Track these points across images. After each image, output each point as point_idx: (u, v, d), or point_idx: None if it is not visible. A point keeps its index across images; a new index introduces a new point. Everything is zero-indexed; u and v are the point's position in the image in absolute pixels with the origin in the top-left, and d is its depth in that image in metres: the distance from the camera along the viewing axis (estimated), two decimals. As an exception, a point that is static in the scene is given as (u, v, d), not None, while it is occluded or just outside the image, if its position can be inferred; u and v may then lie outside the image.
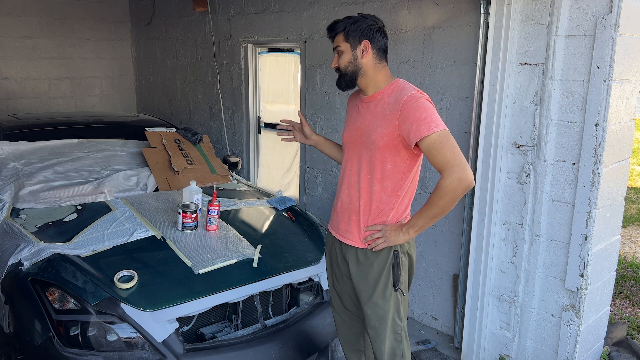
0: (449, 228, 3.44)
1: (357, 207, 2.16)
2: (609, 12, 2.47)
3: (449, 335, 3.53)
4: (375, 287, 2.15)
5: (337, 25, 2.11)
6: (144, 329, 2.24)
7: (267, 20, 4.62)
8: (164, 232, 2.79)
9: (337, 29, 2.11)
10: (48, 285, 2.33)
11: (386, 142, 2.04)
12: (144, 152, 3.69)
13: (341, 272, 2.31)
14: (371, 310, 2.17)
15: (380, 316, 2.16)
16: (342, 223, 2.23)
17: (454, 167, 1.90)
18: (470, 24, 3.16)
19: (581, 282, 2.74)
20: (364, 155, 2.12)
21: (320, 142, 2.47)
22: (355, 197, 2.17)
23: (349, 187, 2.19)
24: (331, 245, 2.35)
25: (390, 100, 2.06)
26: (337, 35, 2.11)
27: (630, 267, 4.71)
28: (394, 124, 2.01)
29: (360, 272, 2.18)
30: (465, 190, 1.94)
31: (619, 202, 2.89)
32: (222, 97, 5.25)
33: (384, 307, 2.15)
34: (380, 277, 2.14)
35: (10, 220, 2.84)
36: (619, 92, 2.59)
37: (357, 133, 2.15)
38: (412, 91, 2.02)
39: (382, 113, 2.06)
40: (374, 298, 2.15)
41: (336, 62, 2.14)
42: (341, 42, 2.10)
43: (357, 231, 2.17)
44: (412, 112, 1.96)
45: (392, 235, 2.09)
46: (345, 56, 2.10)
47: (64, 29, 5.96)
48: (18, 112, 5.59)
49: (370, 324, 2.19)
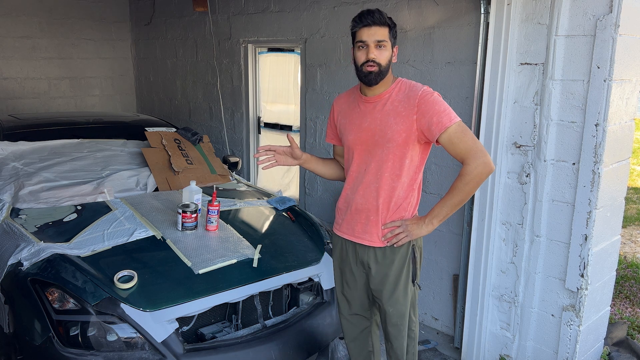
0: (449, 228, 3.44)
1: (376, 206, 2.15)
2: (609, 12, 2.47)
3: (449, 335, 3.53)
4: (396, 284, 2.17)
5: (386, 19, 2.04)
6: (143, 329, 2.24)
7: (267, 20, 4.62)
8: (164, 232, 2.79)
9: (385, 22, 2.03)
10: (48, 285, 2.33)
11: (405, 138, 2.06)
12: (144, 152, 3.68)
13: (354, 277, 2.29)
14: (393, 308, 2.19)
15: (402, 313, 2.20)
16: (359, 224, 2.20)
17: (477, 152, 1.98)
18: (470, 23, 3.16)
19: (581, 282, 2.74)
20: (377, 154, 2.12)
21: (308, 160, 2.39)
22: (372, 197, 2.15)
23: (365, 188, 2.17)
24: (342, 250, 2.31)
25: (400, 98, 2.07)
26: (382, 28, 2.03)
27: (630, 267, 4.71)
28: (411, 119, 2.03)
29: (380, 271, 2.19)
30: (488, 175, 2.01)
31: (619, 202, 2.89)
32: (222, 97, 5.25)
33: (404, 303, 2.19)
34: (401, 274, 2.17)
35: (10, 220, 2.84)
36: (619, 92, 2.59)
37: (367, 134, 2.13)
38: (423, 87, 2.07)
39: (395, 110, 2.07)
40: (395, 295, 2.17)
41: (375, 55, 2.03)
42: (387, 37, 2.05)
43: (375, 231, 2.17)
44: (430, 106, 2.01)
45: (414, 229, 2.11)
46: (387, 52, 2.06)
47: (64, 29, 5.96)
48: (18, 112, 5.58)
49: (392, 322, 2.20)
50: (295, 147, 2.31)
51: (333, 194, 4.26)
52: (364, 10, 2.06)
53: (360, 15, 2.05)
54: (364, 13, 2.04)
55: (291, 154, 2.32)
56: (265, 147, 2.30)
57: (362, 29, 2.04)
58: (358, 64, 2.08)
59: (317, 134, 4.31)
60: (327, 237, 3.03)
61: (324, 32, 4.12)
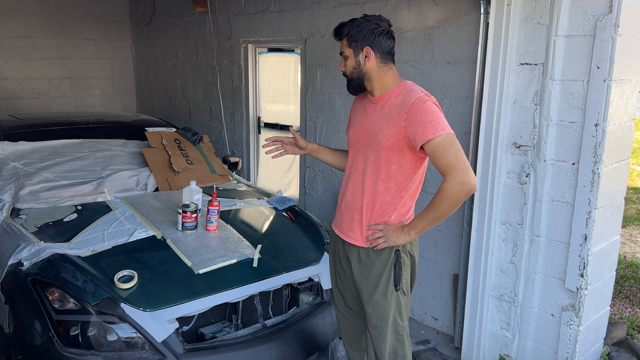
0: (449, 228, 3.44)
1: (360, 206, 2.17)
2: (609, 12, 2.47)
3: (449, 335, 3.53)
4: (376, 286, 2.15)
5: (342, 30, 2.10)
6: (144, 329, 2.24)
7: (267, 20, 4.63)
8: (164, 232, 2.79)
9: (341, 34, 2.11)
10: (48, 285, 2.33)
11: (392, 143, 2.05)
12: (144, 152, 3.69)
13: (344, 270, 2.32)
14: (372, 309, 2.18)
15: (382, 315, 2.17)
16: (345, 222, 2.24)
17: (457, 171, 1.91)
18: (470, 24, 3.16)
19: (581, 282, 2.74)
20: (369, 155, 2.13)
21: (315, 149, 2.45)
22: (358, 196, 2.18)
23: (354, 186, 2.20)
24: (335, 244, 2.36)
25: (397, 102, 2.07)
26: (342, 40, 2.12)
27: (630, 267, 4.72)
28: (400, 126, 2.02)
29: (361, 270, 2.19)
30: (467, 195, 1.95)
31: (619, 202, 2.89)
32: (222, 97, 5.25)
33: (384, 306, 2.16)
34: (381, 276, 2.15)
35: (10, 220, 2.84)
36: (618, 92, 2.59)
37: (363, 133, 2.16)
38: (420, 94, 2.02)
39: (389, 114, 2.06)
40: (374, 297, 2.16)
41: (343, 67, 2.15)
42: (345, 47, 2.11)
43: (359, 230, 2.18)
44: (418, 114, 1.97)
45: (393, 236, 2.10)
46: (349, 62, 2.11)
47: (64, 29, 5.96)
48: (18, 112, 5.59)
49: (372, 323, 2.19)
50: (298, 139, 2.40)
51: (333, 194, 4.26)
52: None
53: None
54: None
55: (296, 144, 2.41)
56: (272, 138, 2.41)
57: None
58: None
59: (317, 134, 4.31)
60: (327, 237, 3.03)
61: (324, 32, 4.12)
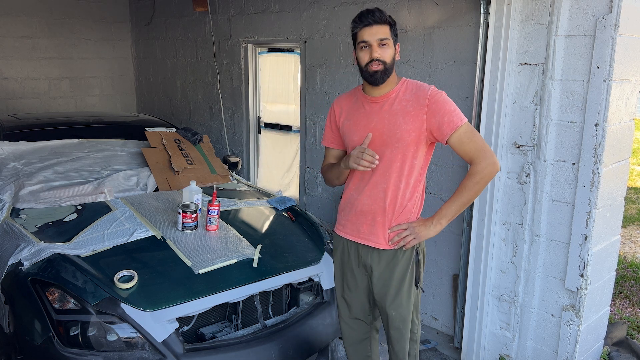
0: (449, 228, 3.43)
1: (383, 207, 2.13)
2: (609, 12, 2.47)
3: (449, 335, 3.53)
4: (400, 287, 2.16)
5: (386, 17, 2.03)
6: (144, 329, 2.24)
7: (267, 20, 4.63)
8: (164, 232, 2.79)
9: (385, 20, 2.02)
10: (48, 285, 2.33)
11: (414, 137, 2.06)
12: (144, 152, 3.69)
13: (355, 280, 2.26)
14: (396, 312, 2.17)
15: (404, 317, 2.18)
16: (365, 225, 2.17)
17: (487, 152, 2.03)
18: (470, 24, 3.16)
19: (581, 282, 2.74)
20: (386, 154, 2.09)
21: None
22: (379, 197, 2.13)
23: (372, 189, 2.14)
24: (344, 252, 2.28)
25: (407, 97, 2.07)
26: (382, 26, 2.01)
27: (630, 267, 4.71)
28: (421, 119, 2.04)
29: (385, 274, 2.17)
30: (495, 174, 2.06)
31: (619, 202, 2.89)
32: (222, 97, 5.25)
33: (407, 307, 2.18)
34: (405, 277, 2.15)
35: (10, 220, 2.84)
36: (618, 92, 2.59)
37: (374, 134, 2.10)
38: (430, 86, 2.09)
39: (404, 110, 2.07)
40: (398, 298, 2.16)
41: (378, 54, 2.01)
42: (389, 35, 2.03)
43: (382, 232, 2.14)
44: (440, 105, 2.03)
45: (422, 230, 2.10)
46: (390, 50, 2.04)
47: (64, 29, 5.96)
48: (18, 112, 5.59)
49: (394, 325, 2.19)
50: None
51: (333, 194, 4.26)
52: (363, 10, 2.04)
53: (360, 15, 2.03)
54: (364, 13, 2.02)
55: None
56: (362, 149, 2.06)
57: (363, 29, 2.02)
58: (362, 64, 2.06)
59: (317, 134, 4.31)
60: (327, 237, 3.03)
61: (324, 32, 4.12)
